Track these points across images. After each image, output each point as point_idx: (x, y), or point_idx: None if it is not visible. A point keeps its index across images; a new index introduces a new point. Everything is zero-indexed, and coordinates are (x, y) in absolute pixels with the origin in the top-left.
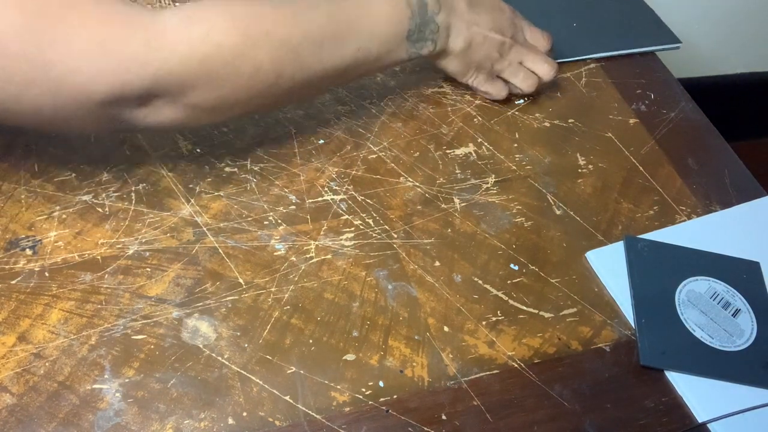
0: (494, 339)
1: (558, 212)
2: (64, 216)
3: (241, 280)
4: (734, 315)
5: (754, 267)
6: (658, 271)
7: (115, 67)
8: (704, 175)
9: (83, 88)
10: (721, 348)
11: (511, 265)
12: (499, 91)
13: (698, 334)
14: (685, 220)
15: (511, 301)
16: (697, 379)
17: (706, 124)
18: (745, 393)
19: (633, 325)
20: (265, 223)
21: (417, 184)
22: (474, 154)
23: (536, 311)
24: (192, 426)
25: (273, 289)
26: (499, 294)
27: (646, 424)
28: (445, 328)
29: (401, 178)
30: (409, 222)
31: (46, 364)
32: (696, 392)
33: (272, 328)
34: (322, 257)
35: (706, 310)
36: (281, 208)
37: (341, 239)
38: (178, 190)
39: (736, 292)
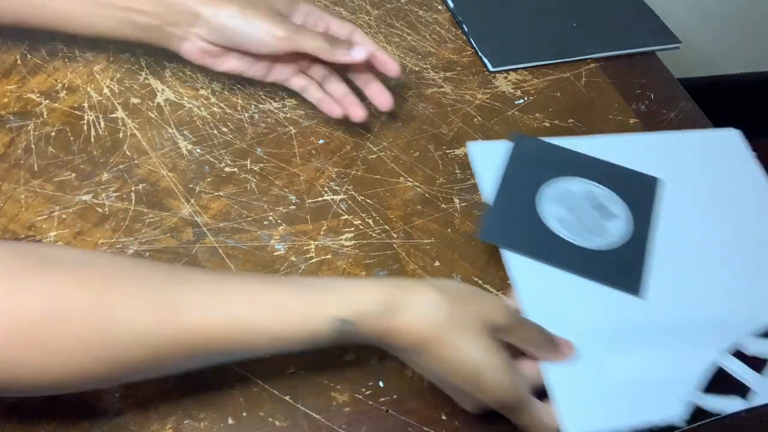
0: None
1: None
2: (63, 216)
3: None
4: (606, 218)
5: (650, 182)
6: (536, 167)
7: None
8: None
9: None
10: (573, 242)
11: None
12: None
13: (552, 225)
14: None
15: None
16: (534, 266)
17: (706, 124)
18: (587, 290)
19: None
20: (265, 223)
21: (417, 184)
22: None
23: None
24: (192, 426)
25: None
26: (499, 294)
27: None
28: None
29: (401, 178)
30: (409, 222)
31: None
32: (526, 275)
33: None
34: (322, 257)
35: (572, 207)
36: (281, 208)
37: (341, 239)
38: (178, 190)
39: (620, 200)
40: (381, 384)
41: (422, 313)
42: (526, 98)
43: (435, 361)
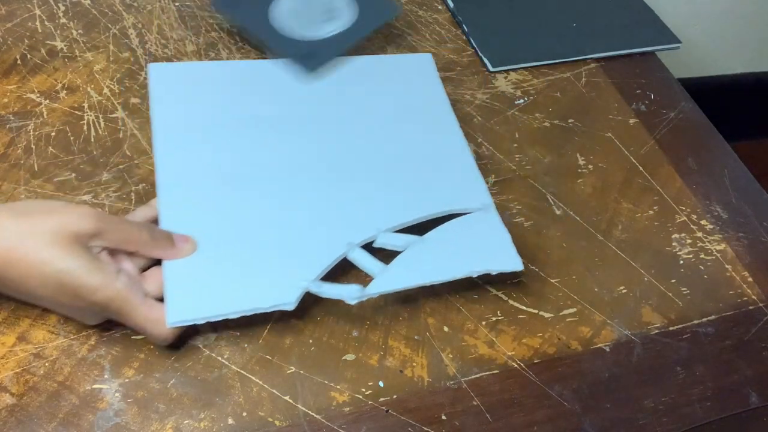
0: (494, 339)
1: (558, 212)
2: None
3: None
4: (328, 22)
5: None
6: None
7: None
8: (704, 175)
9: None
10: (282, 33)
11: None
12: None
13: (277, 17)
14: (684, 220)
15: (510, 301)
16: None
17: (706, 124)
18: (224, 194)
19: None
20: None
21: None
22: (474, 154)
23: (536, 311)
24: (192, 426)
25: None
26: (499, 294)
27: (646, 424)
28: (445, 328)
29: None
30: None
31: (46, 364)
32: (172, 183)
33: (272, 328)
34: None
35: (302, 12)
36: None
37: None
38: None
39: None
40: (381, 384)
41: None
42: (526, 98)
43: (18, 279)
